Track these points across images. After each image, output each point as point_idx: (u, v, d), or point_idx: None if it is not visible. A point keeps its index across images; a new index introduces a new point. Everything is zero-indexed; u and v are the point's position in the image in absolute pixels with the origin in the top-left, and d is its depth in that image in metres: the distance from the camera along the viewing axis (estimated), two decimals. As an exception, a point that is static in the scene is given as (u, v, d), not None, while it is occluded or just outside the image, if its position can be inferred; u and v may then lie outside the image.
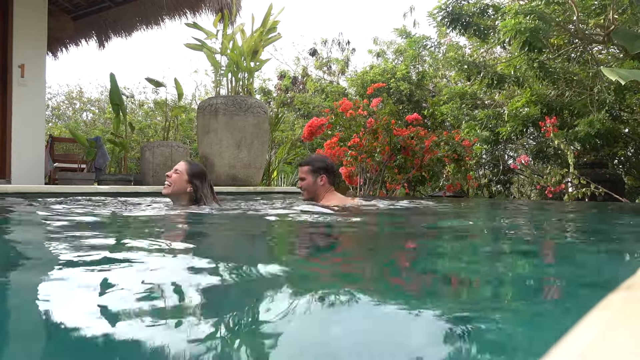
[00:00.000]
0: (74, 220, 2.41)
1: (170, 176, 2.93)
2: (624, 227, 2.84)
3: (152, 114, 13.40)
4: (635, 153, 8.28)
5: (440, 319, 0.78)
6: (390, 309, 0.84)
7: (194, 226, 2.39)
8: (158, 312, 0.78)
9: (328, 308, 0.83)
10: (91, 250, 1.43)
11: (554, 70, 6.83)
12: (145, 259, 1.29)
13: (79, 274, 1.10)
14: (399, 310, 0.84)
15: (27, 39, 6.09)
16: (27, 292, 0.95)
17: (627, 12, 6.23)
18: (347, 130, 6.92)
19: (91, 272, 1.10)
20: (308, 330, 0.73)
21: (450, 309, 0.85)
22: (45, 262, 1.29)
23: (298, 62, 15.87)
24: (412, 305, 0.87)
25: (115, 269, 1.14)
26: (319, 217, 2.79)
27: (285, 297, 0.90)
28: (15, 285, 1.03)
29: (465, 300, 0.95)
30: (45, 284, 1.01)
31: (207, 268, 1.18)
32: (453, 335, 0.69)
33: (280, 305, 0.83)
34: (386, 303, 0.89)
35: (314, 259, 1.49)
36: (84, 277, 1.04)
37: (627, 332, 0.42)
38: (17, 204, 3.37)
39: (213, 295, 0.92)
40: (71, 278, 1.07)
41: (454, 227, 2.70)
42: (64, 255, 1.35)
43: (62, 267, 1.17)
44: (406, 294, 0.99)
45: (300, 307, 0.82)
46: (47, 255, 1.42)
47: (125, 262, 1.24)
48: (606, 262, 1.48)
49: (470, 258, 1.53)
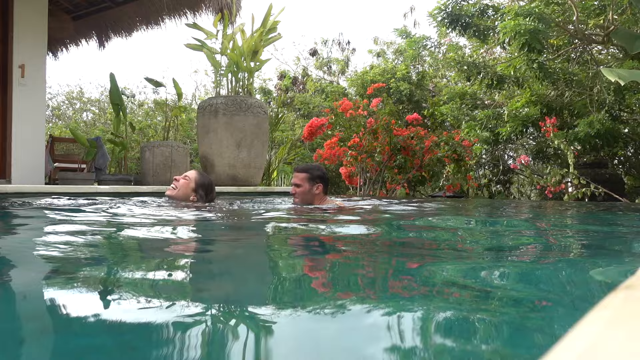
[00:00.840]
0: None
1: (178, 180, 3.03)
2: (624, 226, 2.84)
3: (152, 114, 13.40)
4: (635, 153, 8.28)
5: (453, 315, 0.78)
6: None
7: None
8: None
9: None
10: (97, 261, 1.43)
11: (554, 70, 6.84)
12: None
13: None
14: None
15: (27, 39, 6.09)
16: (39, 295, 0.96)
17: (627, 12, 6.23)
18: (347, 130, 6.92)
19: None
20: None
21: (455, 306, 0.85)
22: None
23: (298, 62, 15.88)
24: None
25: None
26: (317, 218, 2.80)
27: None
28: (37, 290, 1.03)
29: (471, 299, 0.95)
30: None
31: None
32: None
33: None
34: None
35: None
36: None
37: (627, 332, 0.42)
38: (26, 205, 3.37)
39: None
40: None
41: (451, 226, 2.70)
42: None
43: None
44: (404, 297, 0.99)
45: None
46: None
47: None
48: (606, 261, 1.48)
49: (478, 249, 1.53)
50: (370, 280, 1.15)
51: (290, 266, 1.35)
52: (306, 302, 0.90)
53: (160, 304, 0.84)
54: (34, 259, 1.37)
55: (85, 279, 1.03)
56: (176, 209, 2.81)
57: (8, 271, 1.17)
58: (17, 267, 1.25)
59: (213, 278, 1.13)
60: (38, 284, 1.01)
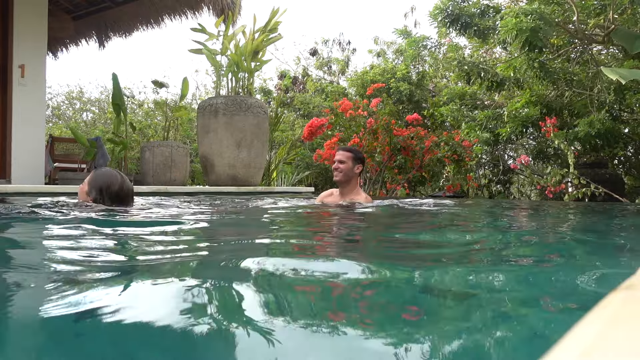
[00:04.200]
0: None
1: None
2: (624, 226, 2.84)
3: (152, 114, 13.40)
4: (635, 153, 8.28)
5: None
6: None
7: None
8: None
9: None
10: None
11: (554, 70, 6.84)
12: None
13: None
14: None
15: (27, 39, 6.09)
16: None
17: (627, 12, 6.23)
18: (347, 130, 6.92)
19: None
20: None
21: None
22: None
23: (299, 62, 15.88)
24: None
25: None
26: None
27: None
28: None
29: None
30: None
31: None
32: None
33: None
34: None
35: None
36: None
37: (627, 332, 0.42)
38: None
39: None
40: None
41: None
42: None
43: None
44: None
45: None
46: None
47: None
48: (606, 261, 1.48)
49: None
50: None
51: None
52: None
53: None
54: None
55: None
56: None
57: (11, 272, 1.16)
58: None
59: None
60: (42, 285, 1.01)
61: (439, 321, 0.80)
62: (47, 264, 1.25)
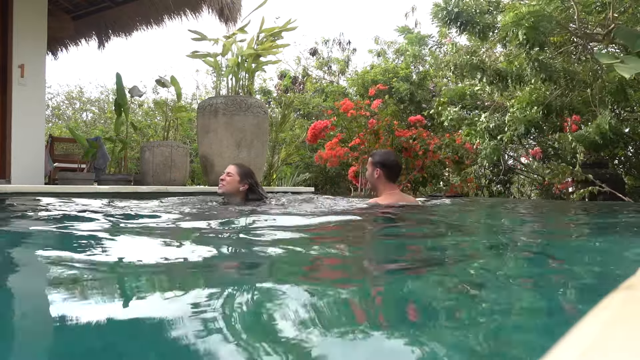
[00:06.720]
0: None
1: (224, 179, 3.52)
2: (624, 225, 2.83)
3: (152, 114, 13.40)
4: (635, 153, 8.27)
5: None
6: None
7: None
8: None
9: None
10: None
11: (554, 68, 6.83)
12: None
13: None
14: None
15: (27, 39, 6.09)
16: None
17: (628, 10, 6.23)
18: (349, 131, 6.92)
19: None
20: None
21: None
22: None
23: (299, 62, 15.88)
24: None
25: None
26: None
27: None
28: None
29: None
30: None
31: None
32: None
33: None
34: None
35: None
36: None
37: (627, 332, 0.42)
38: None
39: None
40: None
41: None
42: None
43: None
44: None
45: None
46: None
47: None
48: (606, 260, 1.47)
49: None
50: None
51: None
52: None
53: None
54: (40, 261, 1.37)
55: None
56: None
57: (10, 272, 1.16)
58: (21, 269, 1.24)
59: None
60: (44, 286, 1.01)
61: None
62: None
